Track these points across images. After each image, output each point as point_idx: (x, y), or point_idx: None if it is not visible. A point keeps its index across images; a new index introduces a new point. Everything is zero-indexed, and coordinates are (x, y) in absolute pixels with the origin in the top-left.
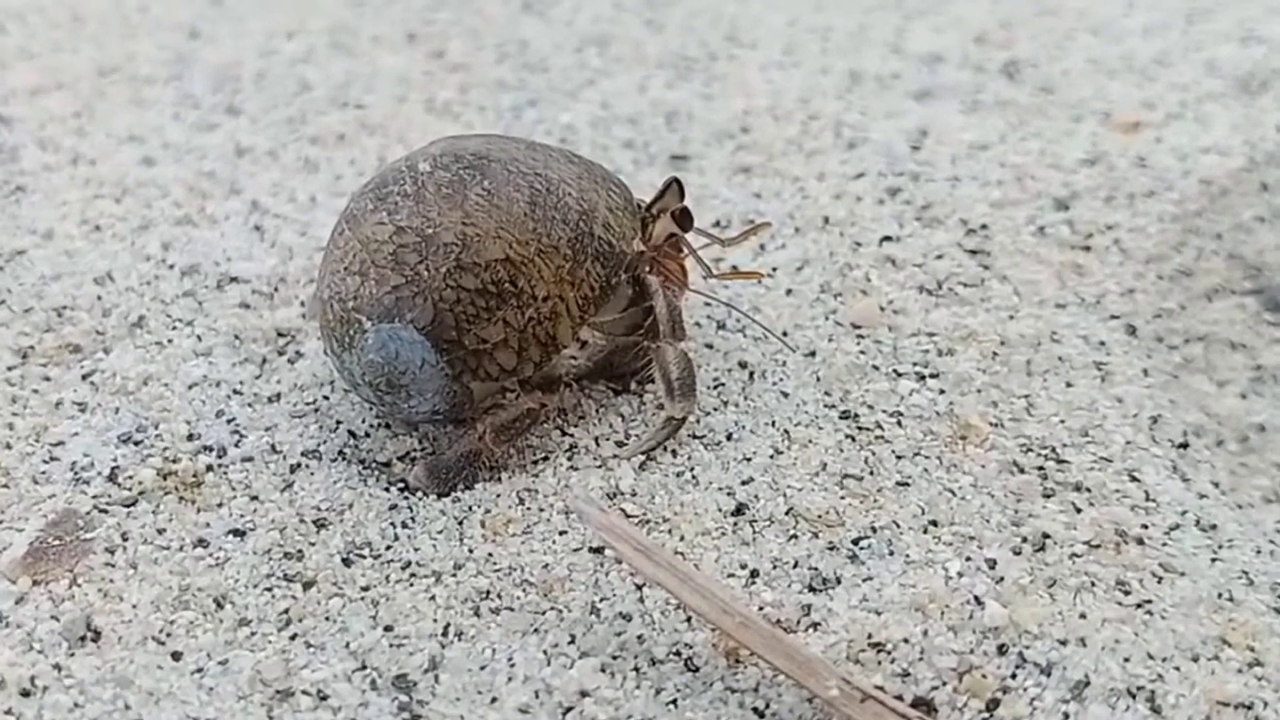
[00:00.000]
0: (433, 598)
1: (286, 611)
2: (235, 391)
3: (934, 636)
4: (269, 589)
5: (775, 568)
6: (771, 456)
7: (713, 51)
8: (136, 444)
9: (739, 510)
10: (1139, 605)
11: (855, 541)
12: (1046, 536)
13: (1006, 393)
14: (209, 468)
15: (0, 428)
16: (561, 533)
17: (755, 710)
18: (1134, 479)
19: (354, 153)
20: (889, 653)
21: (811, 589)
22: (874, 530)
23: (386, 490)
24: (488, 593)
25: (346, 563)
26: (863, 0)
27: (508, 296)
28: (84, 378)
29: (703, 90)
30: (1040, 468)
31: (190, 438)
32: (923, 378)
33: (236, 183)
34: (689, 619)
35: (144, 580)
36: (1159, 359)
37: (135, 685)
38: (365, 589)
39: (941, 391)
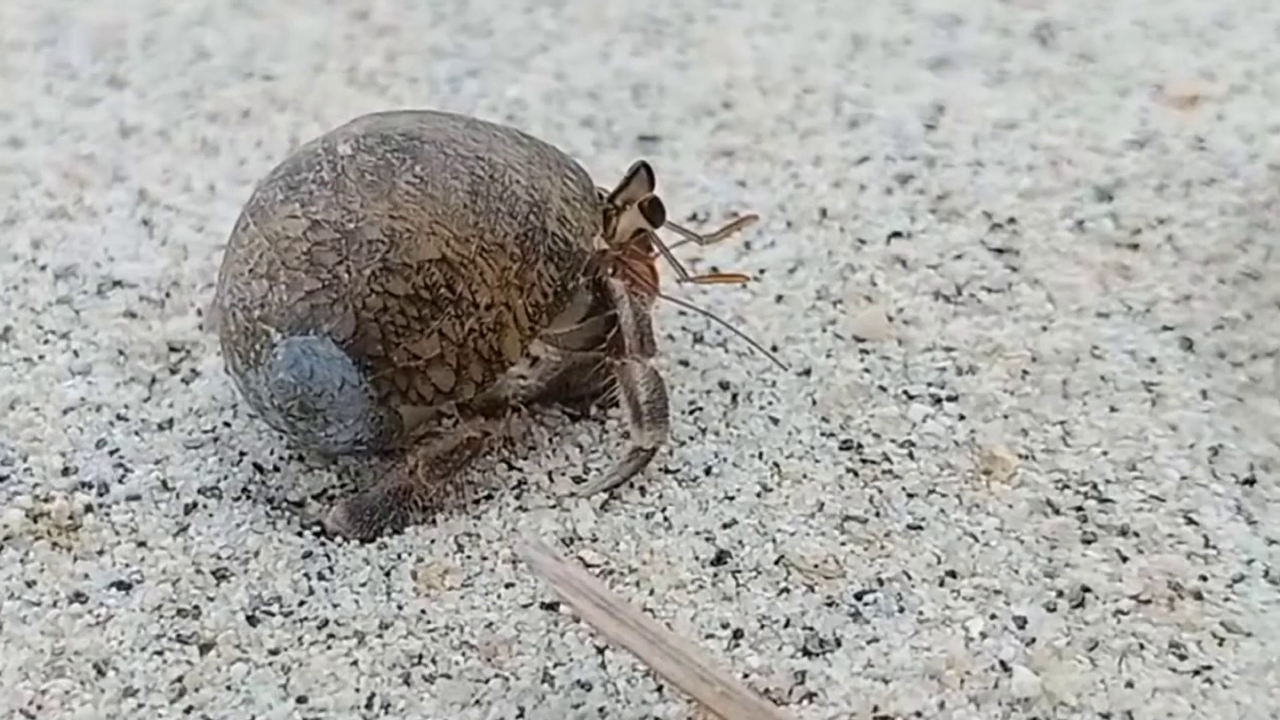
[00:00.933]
0: (355, 663)
1: (180, 680)
2: (119, 417)
3: (952, 709)
4: (159, 653)
5: (763, 627)
6: (758, 495)
7: (688, 12)
8: (1, 480)
9: (720, 559)
10: (1196, 672)
11: (858, 596)
12: (1086, 590)
13: (1039, 419)
14: (88, 508)
15: None
16: (508, 585)
17: None
18: (1191, 521)
19: (261, 132)
20: None
21: (806, 652)
22: (881, 582)
23: (299, 535)
24: (420, 657)
25: (252, 621)
26: None
27: (444, 304)
28: None
29: (676, 58)
30: (1079, 508)
31: (66, 472)
32: (939, 401)
33: (121, 168)
34: (660, 688)
35: (10, 642)
36: (1220, 378)
37: None
38: (274, 652)
39: (961, 417)
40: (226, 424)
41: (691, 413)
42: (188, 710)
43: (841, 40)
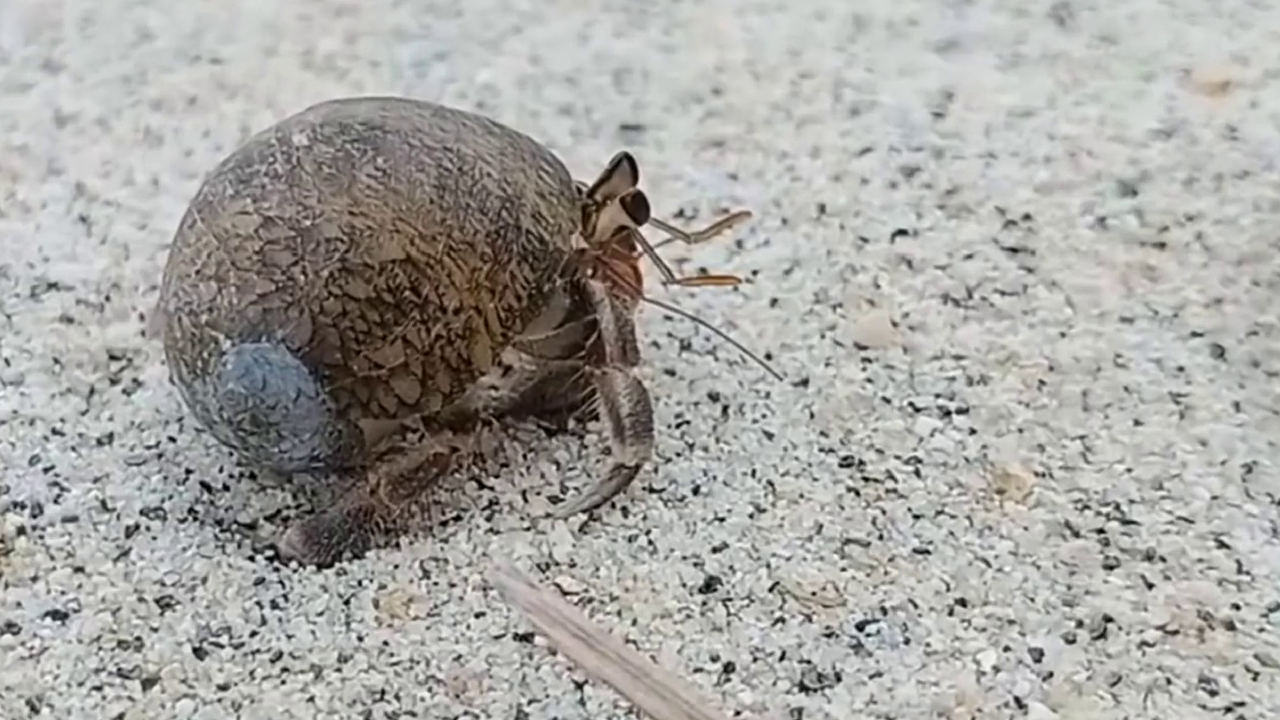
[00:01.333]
0: (311, 699)
1: (121, 717)
2: (55, 431)
3: None
4: (98, 688)
5: (756, 660)
6: (751, 516)
7: None
8: None
9: (709, 586)
10: (1228, 709)
11: (860, 626)
12: (1108, 620)
13: (1056, 433)
14: (20, 530)
15: None
16: (478, 615)
17: None
18: (1222, 545)
19: (209, 121)
20: None
21: (803, 687)
22: (884, 611)
23: (251, 560)
24: (383, 692)
25: (199, 654)
26: None
27: (408, 308)
28: None
29: (662, 40)
30: (1100, 530)
31: None
32: (948, 414)
33: (56, 160)
34: None
35: None
36: (1254, 389)
37: None
38: (223, 688)
39: (972, 431)
40: (171, 439)
41: (678, 426)
42: None
43: (841, 20)
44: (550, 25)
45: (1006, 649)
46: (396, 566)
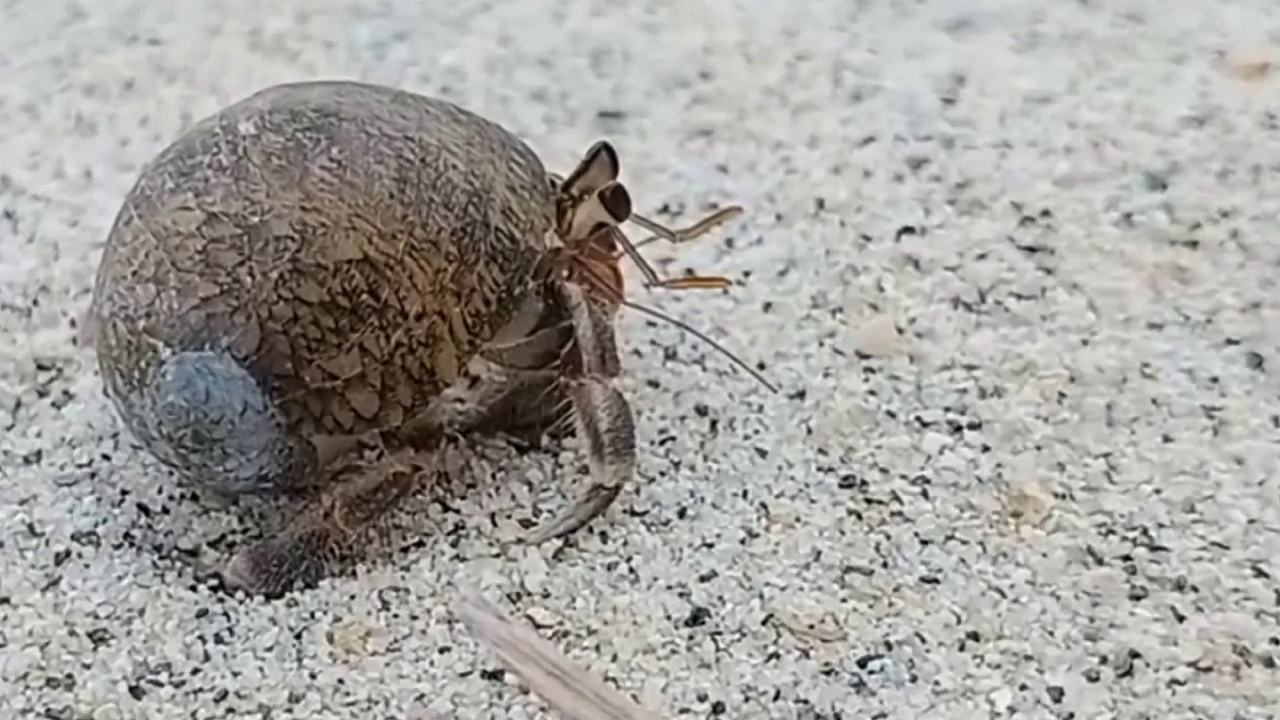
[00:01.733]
0: None
1: None
2: None
3: None
4: None
5: (748, 700)
6: (743, 541)
7: None
8: None
9: (696, 618)
10: None
11: (862, 662)
12: (1135, 655)
13: (1078, 450)
14: None
15: None
16: (443, 650)
17: None
18: (1260, 573)
19: (146, 107)
20: None
21: None
22: (889, 646)
23: (193, 589)
24: None
25: (136, 693)
26: None
27: (366, 313)
28: None
29: (645, 19)
30: (1126, 557)
31: None
32: (958, 429)
33: None
34: None
35: None
36: None
37: None
38: None
39: (985, 449)
40: (106, 457)
41: (662, 443)
42: None
43: None
44: (521, 2)
45: (1023, 687)
46: (353, 597)
